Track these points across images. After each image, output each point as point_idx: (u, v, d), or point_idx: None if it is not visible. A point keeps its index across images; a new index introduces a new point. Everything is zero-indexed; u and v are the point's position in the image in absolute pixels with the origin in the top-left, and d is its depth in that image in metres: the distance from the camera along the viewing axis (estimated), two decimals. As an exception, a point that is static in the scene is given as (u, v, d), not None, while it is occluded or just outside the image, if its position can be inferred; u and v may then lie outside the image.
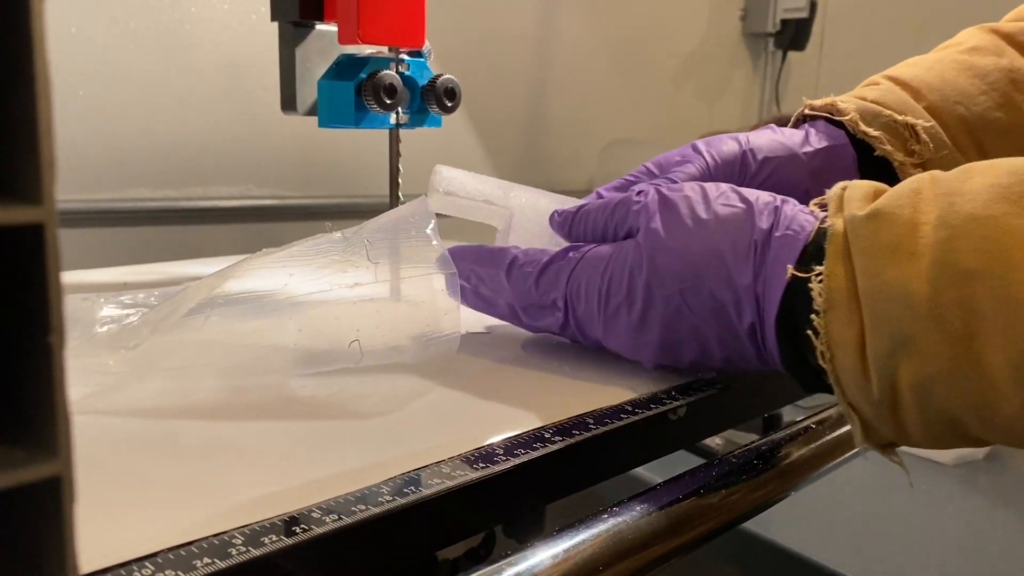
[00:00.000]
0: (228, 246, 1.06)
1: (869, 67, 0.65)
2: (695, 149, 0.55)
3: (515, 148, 1.33)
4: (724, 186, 0.43)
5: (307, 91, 0.63)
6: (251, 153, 1.07)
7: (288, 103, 0.63)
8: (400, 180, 0.63)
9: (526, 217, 0.52)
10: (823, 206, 0.40)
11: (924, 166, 0.54)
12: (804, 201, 0.54)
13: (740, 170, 0.54)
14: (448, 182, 0.53)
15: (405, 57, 0.61)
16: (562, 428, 0.38)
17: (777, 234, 0.39)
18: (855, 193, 0.37)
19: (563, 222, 0.49)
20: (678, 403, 0.42)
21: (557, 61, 1.35)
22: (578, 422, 0.39)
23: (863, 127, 0.55)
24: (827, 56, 1.61)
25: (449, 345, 0.43)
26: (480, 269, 0.47)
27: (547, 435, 0.37)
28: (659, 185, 0.45)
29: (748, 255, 0.39)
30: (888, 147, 0.55)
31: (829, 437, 0.48)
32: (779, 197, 0.42)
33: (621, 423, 0.39)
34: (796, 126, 0.61)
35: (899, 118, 0.55)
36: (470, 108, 1.24)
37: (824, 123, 0.57)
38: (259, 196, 1.09)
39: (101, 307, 0.47)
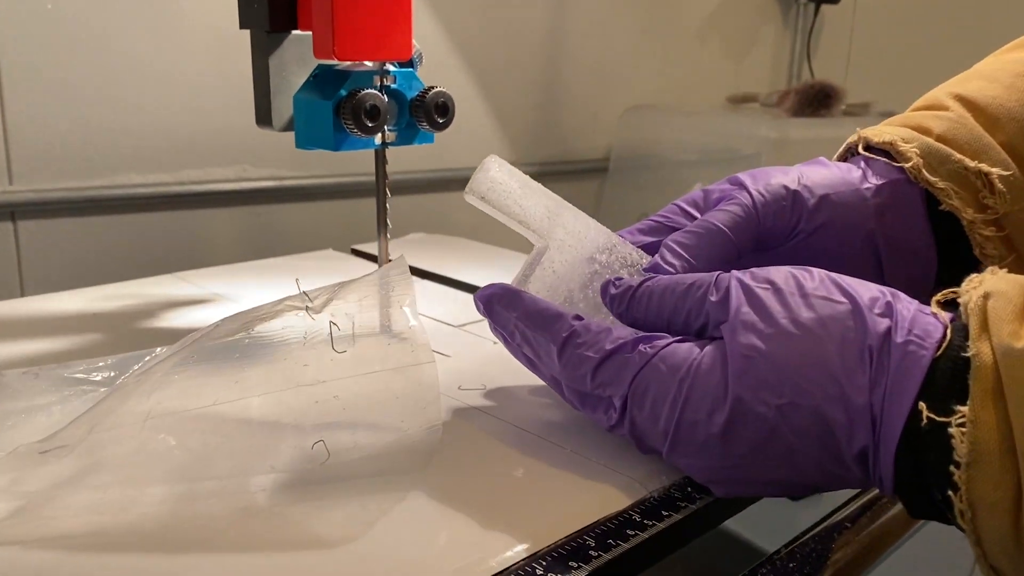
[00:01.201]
0: (226, 230, 1.01)
1: (907, 22, 0.57)
2: (738, 184, 0.48)
3: (528, 115, 1.25)
4: (817, 273, 0.37)
5: (284, 104, 0.57)
6: (246, 132, 1.01)
7: (262, 117, 0.58)
8: (388, 205, 0.57)
9: (563, 254, 0.46)
10: (946, 303, 0.34)
11: (999, 222, 0.47)
12: (870, 244, 0.47)
13: (793, 208, 0.47)
14: (490, 186, 0.46)
15: (391, 68, 0.54)
16: (558, 557, 0.33)
17: (897, 340, 0.33)
18: (1004, 310, 0.31)
19: (620, 299, 0.41)
20: (697, 504, 0.37)
21: (572, 20, 1.26)
22: (577, 546, 0.34)
23: (927, 175, 0.48)
24: (862, 9, 1.50)
25: (429, 439, 0.38)
26: (529, 331, 0.40)
27: (539, 571, 0.32)
28: (742, 277, 0.38)
29: (862, 366, 0.33)
30: (956, 202, 0.48)
31: (882, 521, 0.43)
32: (887, 290, 0.36)
33: (627, 545, 0.34)
34: (844, 159, 0.54)
35: (971, 164, 0.47)
36: (479, 73, 1.16)
37: (878, 159, 0.50)
38: (256, 177, 1.03)
39: (34, 385, 0.42)
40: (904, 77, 1.48)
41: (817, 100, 1.15)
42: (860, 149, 0.52)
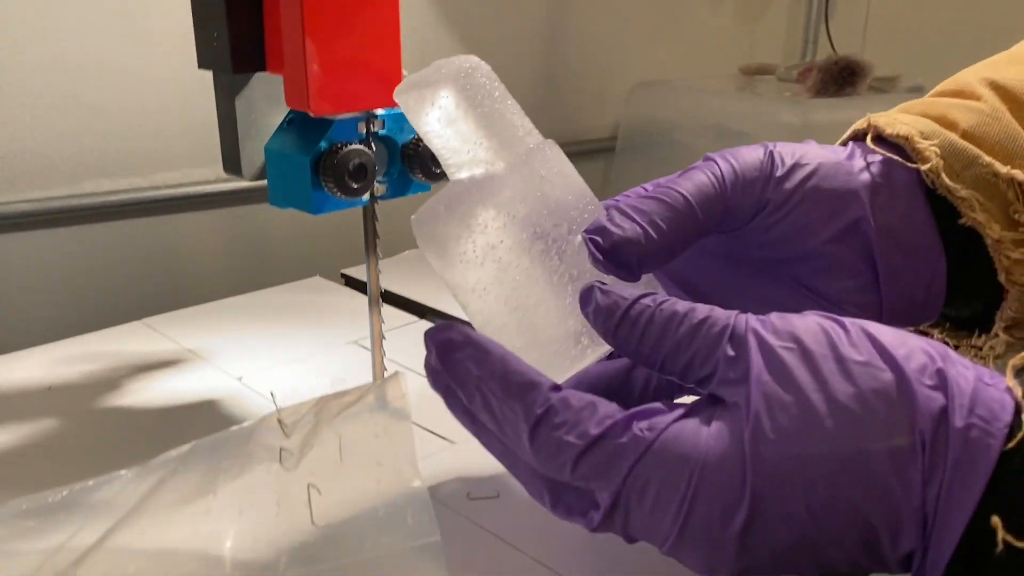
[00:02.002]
0: (207, 235, 0.93)
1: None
2: (708, 157, 0.41)
3: (527, 93, 1.17)
4: (852, 326, 0.30)
5: (255, 150, 0.49)
6: (223, 130, 0.92)
7: (230, 166, 0.50)
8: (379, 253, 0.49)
9: (532, 197, 0.35)
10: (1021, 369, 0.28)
11: None
12: (858, 232, 0.39)
13: (763, 174, 0.39)
14: (469, 79, 0.36)
15: (380, 112, 0.46)
16: None
17: (957, 424, 0.27)
18: None
19: (608, 314, 0.32)
20: None
21: (576, -12, 1.16)
22: None
23: (947, 181, 0.40)
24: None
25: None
26: (495, 398, 0.32)
27: None
28: (761, 331, 0.30)
29: (912, 456, 0.27)
30: (980, 215, 0.39)
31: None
32: (935, 347, 0.29)
33: None
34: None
35: (1002, 170, 0.39)
36: (470, 48, 1.07)
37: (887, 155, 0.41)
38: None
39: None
40: (928, 40, 1.38)
41: (842, 77, 1.06)
42: (869, 140, 0.43)
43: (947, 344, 0.45)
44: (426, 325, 0.67)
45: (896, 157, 0.40)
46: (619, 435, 0.30)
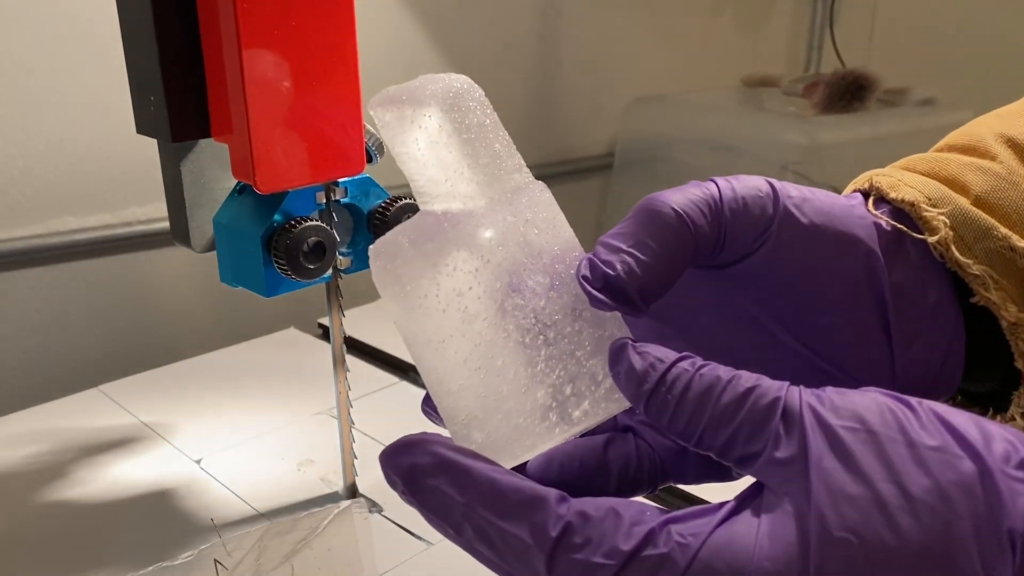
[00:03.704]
0: (179, 274, 0.88)
1: None
2: (708, 179, 0.36)
3: (521, 111, 1.12)
4: (920, 406, 0.25)
5: (205, 220, 0.44)
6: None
7: (179, 235, 0.45)
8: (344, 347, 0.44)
9: (503, 244, 0.30)
10: None
11: None
12: (872, 285, 0.35)
13: (768, 204, 0.34)
14: (458, 100, 0.31)
15: (342, 179, 0.41)
16: None
17: None
18: None
19: (641, 380, 0.28)
20: None
21: (567, 1, 1.11)
22: None
23: (957, 255, 0.35)
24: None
25: None
26: (489, 525, 0.27)
27: None
28: (814, 395, 0.26)
29: (1001, 556, 0.23)
30: (994, 295, 0.34)
31: None
32: (1014, 435, 0.25)
33: None
34: None
35: (1019, 244, 0.34)
36: (461, 64, 1.02)
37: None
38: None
39: None
40: (936, 46, 1.33)
41: (850, 92, 1.01)
42: (870, 206, 0.37)
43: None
44: (407, 386, 0.62)
45: (901, 226, 0.35)
46: (658, 545, 0.25)
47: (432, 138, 0.31)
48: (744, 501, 0.26)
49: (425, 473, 0.27)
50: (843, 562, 0.23)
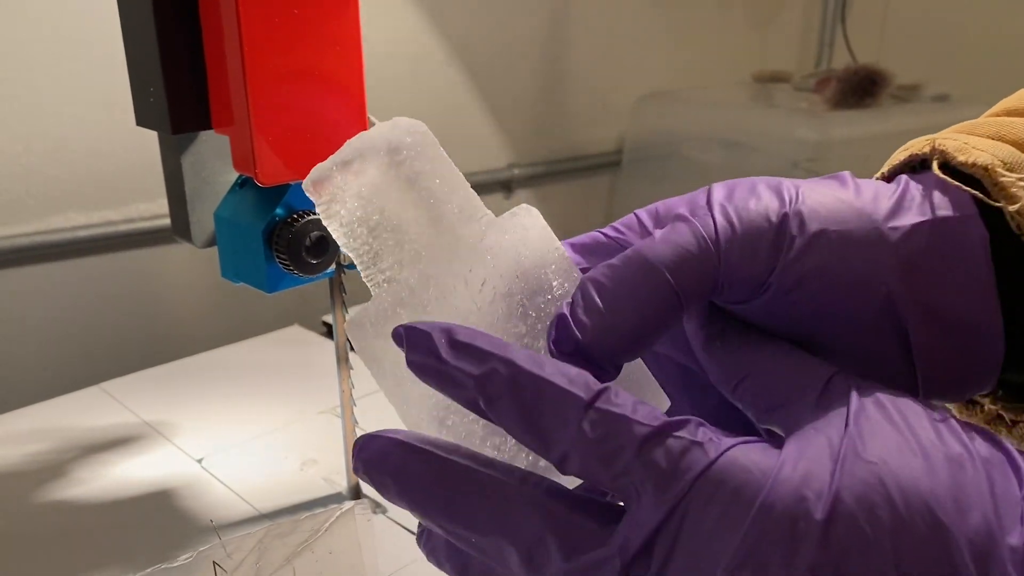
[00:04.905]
0: (186, 270, 0.88)
1: None
2: (706, 202, 0.31)
3: (528, 108, 1.10)
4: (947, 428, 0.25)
5: (206, 214, 0.44)
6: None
7: (180, 229, 0.44)
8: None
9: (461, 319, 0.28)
10: None
11: None
12: (889, 313, 0.32)
13: (773, 247, 0.30)
14: (415, 146, 0.28)
15: (342, 171, 0.40)
16: None
17: None
18: None
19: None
20: None
21: (578, -5, 1.10)
22: None
23: None
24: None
25: None
26: (521, 372, 0.25)
27: None
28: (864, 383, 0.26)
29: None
30: None
31: None
32: None
33: None
34: (891, 180, 0.36)
35: None
36: (469, 63, 1.01)
37: (938, 177, 0.33)
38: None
39: None
40: (949, 41, 1.31)
41: (862, 88, 0.99)
42: (936, 168, 0.33)
43: (1001, 417, 0.38)
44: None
45: (975, 192, 0.32)
46: (694, 431, 0.24)
47: (352, 225, 0.28)
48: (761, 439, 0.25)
49: (464, 333, 0.26)
50: (866, 488, 0.23)
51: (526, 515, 0.26)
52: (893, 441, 0.23)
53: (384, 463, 0.26)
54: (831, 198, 0.32)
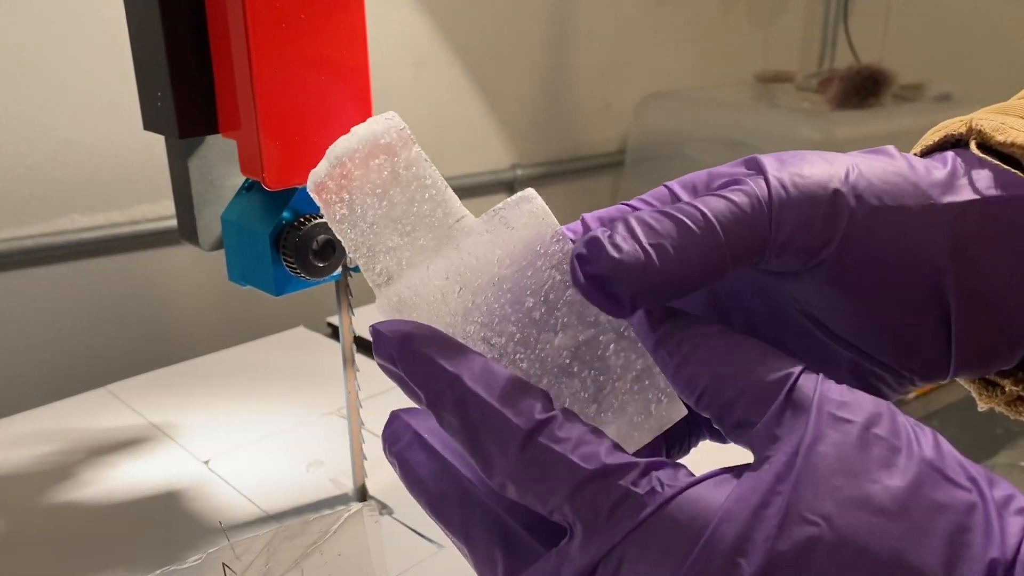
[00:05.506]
0: (190, 272, 0.88)
1: None
2: (756, 167, 0.30)
3: (531, 107, 1.11)
4: (934, 433, 0.24)
5: (213, 218, 0.44)
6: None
7: (187, 232, 0.44)
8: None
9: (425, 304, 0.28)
10: None
11: None
12: (934, 292, 0.31)
13: (829, 219, 0.30)
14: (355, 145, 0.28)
15: (348, 174, 0.40)
16: None
17: None
18: None
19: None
20: None
21: (580, -4, 1.10)
22: None
23: None
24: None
25: None
26: (472, 398, 0.25)
27: None
28: (829, 383, 0.25)
29: None
30: None
31: None
32: (1020, 493, 0.24)
33: None
34: (929, 155, 0.36)
35: None
36: (472, 62, 1.01)
37: (978, 156, 0.32)
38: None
39: None
40: (952, 40, 1.31)
41: (865, 88, 1.00)
42: (974, 148, 0.33)
43: (1022, 399, 0.37)
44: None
45: (1017, 172, 0.31)
46: (636, 478, 0.24)
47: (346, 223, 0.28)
48: (736, 469, 0.25)
49: (421, 341, 0.26)
50: (803, 544, 0.22)
51: (485, 527, 0.26)
52: (839, 493, 0.23)
53: (396, 446, 0.27)
54: (888, 172, 0.30)
